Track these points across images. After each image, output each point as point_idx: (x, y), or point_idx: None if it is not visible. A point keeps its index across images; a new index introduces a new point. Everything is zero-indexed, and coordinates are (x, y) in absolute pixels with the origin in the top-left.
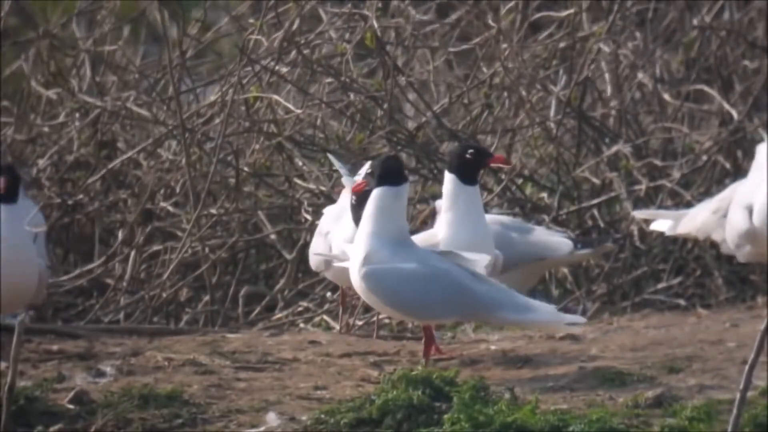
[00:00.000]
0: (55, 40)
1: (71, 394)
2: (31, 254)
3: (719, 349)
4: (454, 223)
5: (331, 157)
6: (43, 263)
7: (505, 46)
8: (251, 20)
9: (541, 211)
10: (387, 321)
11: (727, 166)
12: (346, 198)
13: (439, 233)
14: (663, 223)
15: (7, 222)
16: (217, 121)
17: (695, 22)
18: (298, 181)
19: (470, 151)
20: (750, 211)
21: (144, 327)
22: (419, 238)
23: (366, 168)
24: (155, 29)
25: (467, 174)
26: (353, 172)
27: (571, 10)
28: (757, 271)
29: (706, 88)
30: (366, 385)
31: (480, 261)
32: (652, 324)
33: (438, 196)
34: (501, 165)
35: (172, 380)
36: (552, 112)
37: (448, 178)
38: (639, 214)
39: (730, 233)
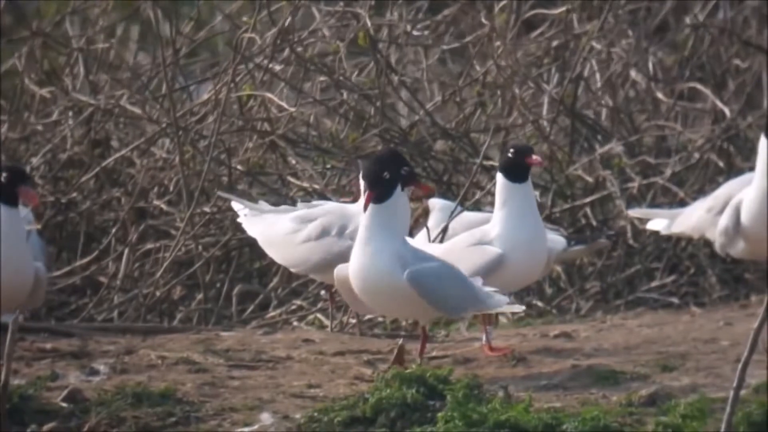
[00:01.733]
0: (49, 38)
1: (65, 392)
2: (25, 251)
3: (713, 348)
4: (509, 220)
5: (235, 202)
6: (42, 266)
7: (498, 44)
8: (245, 18)
9: None
10: (380, 319)
11: (720, 164)
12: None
13: (492, 231)
14: (658, 222)
15: (5, 223)
16: (211, 119)
17: (688, 20)
18: (292, 180)
19: (511, 150)
20: (738, 209)
21: (137, 325)
22: (473, 236)
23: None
24: (149, 28)
25: (512, 172)
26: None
27: (564, 8)
28: (751, 270)
29: (699, 86)
30: (359, 383)
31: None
32: (646, 322)
33: (431, 194)
34: (537, 164)
35: (166, 378)
36: (545, 111)
37: (498, 177)
38: (633, 213)
39: (720, 230)
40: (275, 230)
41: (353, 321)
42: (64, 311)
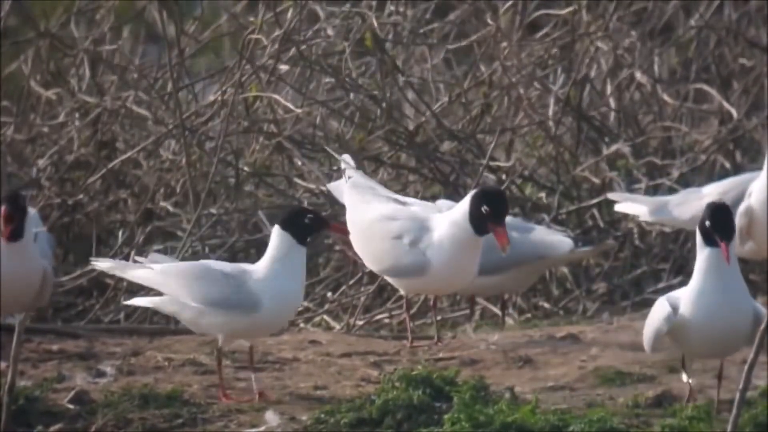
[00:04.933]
0: (55, 39)
1: (71, 394)
2: (33, 252)
3: None
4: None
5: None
6: (48, 265)
7: (504, 44)
8: (251, 18)
9: (541, 210)
10: (387, 321)
11: (727, 165)
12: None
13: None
14: (634, 207)
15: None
16: (217, 120)
17: (693, 21)
18: (298, 181)
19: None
20: (749, 195)
21: (144, 327)
22: None
23: None
24: (154, 28)
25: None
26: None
27: (570, 8)
28: (757, 271)
29: (705, 87)
30: (366, 384)
31: None
32: None
33: (438, 196)
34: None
35: (172, 380)
36: (551, 111)
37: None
38: (612, 197)
39: (740, 212)
40: (364, 215)
41: (359, 323)
42: (71, 313)
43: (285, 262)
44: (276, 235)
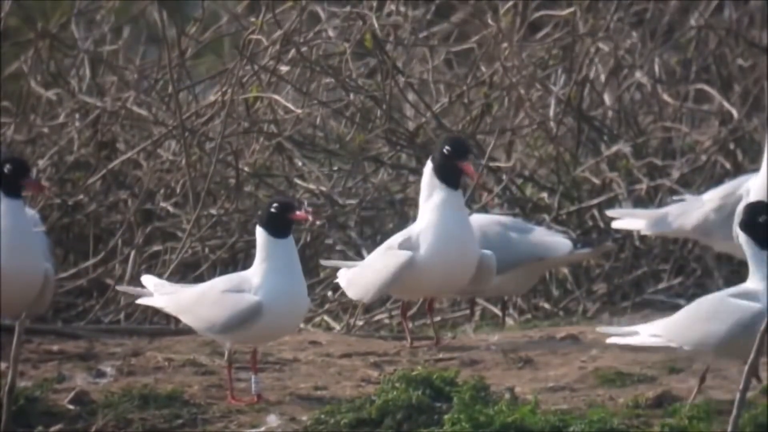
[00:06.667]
0: (55, 40)
1: (71, 394)
2: (33, 246)
3: None
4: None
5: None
6: (51, 267)
7: (504, 45)
8: (252, 19)
9: (541, 211)
10: (387, 321)
11: (727, 165)
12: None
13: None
14: (633, 222)
15: (8, 215)
16: (217, 121)
17: (693, 21)
18: (298, 182)
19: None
20: (747, 192)
21: (144, 327)
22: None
23: None
24: (155, 29)
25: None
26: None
27: (571, 9)
28: None
29: (706, 88)
30: (366, 385)
31: None
32: None
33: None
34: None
35: (173, 380)
36: (551, 112)
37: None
38: (611, 213)
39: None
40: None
41: (359, 323)
42: (71, 313)
43: (272, 260)
44: (257, 235)
